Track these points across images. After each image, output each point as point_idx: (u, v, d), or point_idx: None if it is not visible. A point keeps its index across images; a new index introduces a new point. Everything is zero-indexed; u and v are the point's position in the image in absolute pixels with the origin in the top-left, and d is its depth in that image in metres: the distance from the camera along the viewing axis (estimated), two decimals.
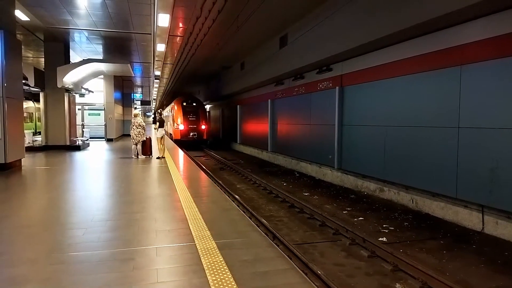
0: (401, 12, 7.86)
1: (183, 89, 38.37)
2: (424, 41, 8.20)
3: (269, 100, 18.38)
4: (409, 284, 4.81)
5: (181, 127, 25.26)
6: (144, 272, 3.16)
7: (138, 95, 35.25)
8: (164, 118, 13.46)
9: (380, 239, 6.51)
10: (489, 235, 6.67)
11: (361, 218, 8.01)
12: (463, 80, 7.30)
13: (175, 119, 26.12)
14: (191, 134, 25.20)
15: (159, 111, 13.83)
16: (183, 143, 24.35)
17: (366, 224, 7.58)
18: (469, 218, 7.18)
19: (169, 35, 14.32)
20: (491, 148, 6.77)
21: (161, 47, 16.23)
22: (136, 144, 12.28)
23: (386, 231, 7.08)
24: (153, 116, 68.16)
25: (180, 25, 13.51)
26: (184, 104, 26.29)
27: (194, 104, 26.78)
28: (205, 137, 26.07)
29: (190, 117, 25.61)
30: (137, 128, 12.14)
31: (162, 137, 12.49)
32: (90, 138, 19.79)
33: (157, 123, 12.75)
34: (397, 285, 4.79)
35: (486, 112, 6.86)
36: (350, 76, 11.30)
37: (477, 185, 7.03)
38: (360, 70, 10.72)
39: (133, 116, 13.01)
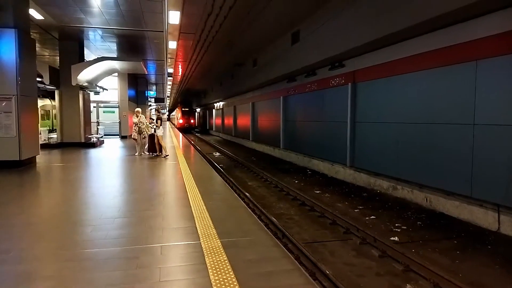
0: (416, 6, 7.65)
1: (196, 86, 38.55)
2: (439, 36, 7.97)
3: (281, 97, 18.28)
4: (420, 285, 4.70)
5: (180, 121, 50.00)
6: (147, 271, 3.15)
7: (152, 93, 35.65)
8: (161, 116, 13.19)
9: (391, 238, 6.38)
10: (505, 235, 6.47)
11: (373, 216, 7.88)
12: (479, 75, 7.07)
13: (177, 117, 50.28)
14: (186, 124, 49.42)
15: (156, 107, 13.63)
16: (181, 129, 44.92)
17: (378, 223, 7.45)
18: (484, 218, 6.98)
19: (180, 32, 14.34)
20: (507, 146, 6.56)
21: (173, 45, 16.29)
22: (136, 140, 12.35)
23: (398, 230, 6.95)
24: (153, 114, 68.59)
25: (191, 22, 13.49)
26: (182, 109, 50.56)
27: (188, 109, 51.22)
28: (194, 125, 52.12)
29: (185, 116, 50.23)
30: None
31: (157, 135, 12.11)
32: (105, 135, 20.02)
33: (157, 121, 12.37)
34: (408, 286, 4.68)
35: (503, 109, 6.64)
36: (362, 72, 11.11)
37: (493, 183, 6.82)
38: (373, 66, 10.52)
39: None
